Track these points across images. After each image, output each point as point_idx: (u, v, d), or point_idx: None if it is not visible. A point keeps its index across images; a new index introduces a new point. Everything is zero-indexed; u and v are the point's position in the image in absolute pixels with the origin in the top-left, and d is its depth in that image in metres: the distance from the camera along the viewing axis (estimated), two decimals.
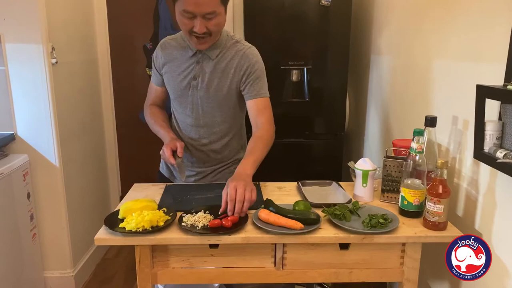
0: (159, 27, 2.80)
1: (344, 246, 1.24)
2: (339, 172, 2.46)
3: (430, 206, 1.22)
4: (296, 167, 2.49)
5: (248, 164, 1.38)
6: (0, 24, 2.02)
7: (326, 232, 1.21)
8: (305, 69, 2.34)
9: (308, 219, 1.21)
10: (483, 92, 1.09)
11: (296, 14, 2.26)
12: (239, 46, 1.54)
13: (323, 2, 2.21)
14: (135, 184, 1.60)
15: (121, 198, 3.06)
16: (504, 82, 1.07)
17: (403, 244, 1.25)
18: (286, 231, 1.18)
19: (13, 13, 2.01)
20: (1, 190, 1.95)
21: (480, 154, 1.13)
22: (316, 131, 2.44)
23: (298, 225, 1.19)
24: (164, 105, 1.74)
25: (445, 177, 1.21)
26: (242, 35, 2.38)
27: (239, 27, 2.67)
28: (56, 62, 2.16)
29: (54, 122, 2.17)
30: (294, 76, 2.34)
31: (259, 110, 1.53)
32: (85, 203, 2.59)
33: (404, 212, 1.31)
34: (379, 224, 1.21)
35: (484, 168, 1.21)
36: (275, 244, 1.23)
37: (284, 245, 1.23)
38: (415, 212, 1.30)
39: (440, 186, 1.21)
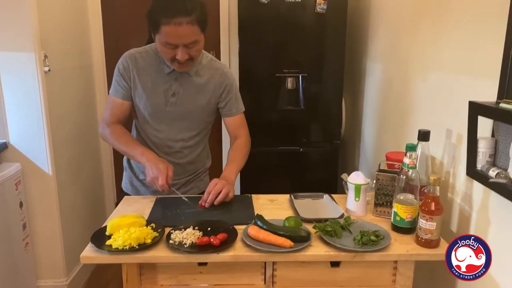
0: None
1: (335, 264, 1.22)
2: (335, 180, 2.44)
3: (422, 223, 1.20)
4: (292, 175, 2.47)
5: (232, 172, 1.54)
6: None
7: (317, 250, 1.19)
8: (300, 76, 2.32)
9: (298, 237, 1.19)
10: (476, 109, 1.07)
11: (291, 22, 2.23)
12: (216, 64, 1.61)
13: (318, 9, 2.19)
14: (125, 197, 1.58)
15: (117, 205, 3.05)
16: (497, 99, 1.04)
17: (396, 261, 1.23)
18: (275, 249, 1.16)
19: (5, 21, 2.00)
20: None
21: (472, 172, 1.11)
22: (311, 139, 2.42)
23: (288, 243, 1.16)
24: (125, 122, 1.62)
25: (438, 193, 1.19)
26: (237, 43, 2.36)
27: (234, 35, 2.65)
28: (49, 70, 2.15)
29: (47, 130, 2.15)
30: (289, 83, 2.32)
31: (238, 125, 1.66)
32: (79, 211, 2.57)
33: (396, 228, 1.29)
34: (371, 241, 1.19)
35: (478, 184, 1.19)
36: (265, 262, 1.21)
37: (274, 262, 1.21)
38: (407, 228, 1.27)
39: (433, 203, 1.18)
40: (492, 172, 1.03)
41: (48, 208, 2.25)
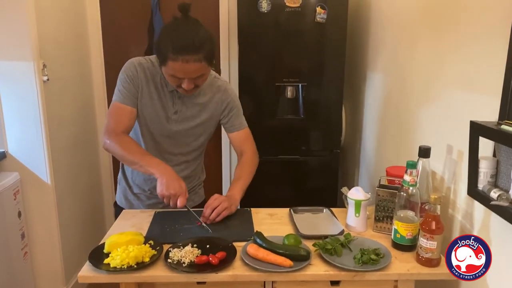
0: (154, 40, 2.78)
1: (335, 282, 1.21)
2: (335, 190, 2.43)
3: (423, 242, 1.19)
4: (292, 184, 2.46)
5: (237, 190, 1.54)
6: None
7: (317, 269, 1.17)
8: (300, 85, 2.31)
9: (298, 256, 1.18)
10: (477, 130, 1.06)
11: (291, 31, 2.23)
12: (218, 81, 1.61)
13: (318, 19, 2.18)
14: (123, 211, 1.57)
15: (115, 213, 3.04)
16: (498, 119, 1.03)
17: (396, 280, 1.21)
18: (275, 269, 1.15)
19: (3, 31, 1.99)
20: None
21: (474, 192, 1.10)
22: (311, 148, 2.41)
23: (287, 262, 1.15)
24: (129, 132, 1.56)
25: (439, 212, 1.18)
26: (236, 52, 2.35)
27: (234, 44, 2.64)
28: (48, 79, 2.14)
29: (45, 140, 2.14)
30: (289, 92, 2.31)
31: (242, 140, 1.66)
32: (77, 220, 2.56)
33: (396, 246, 1.28)
34: (371, 260, 1.18)
35: (479, 203, 1.18)
36: (264, 281, 1.20)
37: (273, 281, 1.20)
38: (408, 246, 1.26)
39: (433, 222, 1.17)
40: (494, 194, 1.02)
41: (46, 218, 2.25)
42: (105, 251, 1.23)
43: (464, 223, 1.27)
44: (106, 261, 1.18)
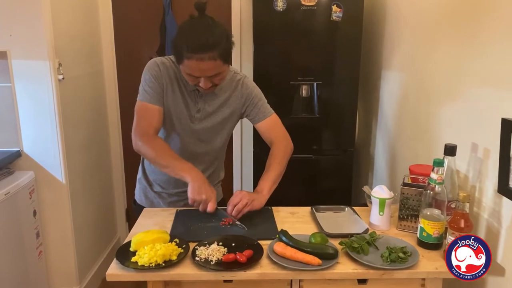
0: (166, 39, 2.77)
1: (362, 281, 1.21)
2: (349, 189, 2.43)
3: (451, 240, 1.18)
4: (305, 183, 2.45)
5: (265, 185, 1.50)
6: (6, 40, 2.00)
7: (345, 268, 1.17)
8: (314, 84, 2.30)
9: (326, 254, 1.18)
10: (509, 127, 1.05)
11: (306, 30, 2.22)
12: (237, 76, 1.60)
13: (334, 17, 2.17)
14: (145, 209, 1.57)
15: (127, 211, 3.04)
16: None
17: (423, 279, 1.21)
18: (303, 267, 1.14)
19: (20, 30, 1.99)
20: (7, 209, 1.93)
21: (505, 190, 1.09)
22: (325, 147, 2.41)
23: (316, 260, 1.15)
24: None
25: (467, 210, 1.17)
26: (251, 51, 2.35)
27: (249, 43, 2.63)
28: (63, 78, 2.14)
29: (60, 139, 2.14)
30: (304, 91, 2.31)
31: (268, 129, 1.62)
32: (90, 219, 2.56)
33: (423, 244, 1.28)
34: (399, 258, 1.18)
35: (507, 200, 1.17)
36: (291, 279, 1.20)
37: (300, 280, 1.20)
38: (434, 244, 1.26)
39: (462, 220, 1.17)
40: None
41: (61, 216, 2.25)
42: (131, 249, 1.22)
43: (490, 221, 1.27)
44: (133, 259, 1.17)
